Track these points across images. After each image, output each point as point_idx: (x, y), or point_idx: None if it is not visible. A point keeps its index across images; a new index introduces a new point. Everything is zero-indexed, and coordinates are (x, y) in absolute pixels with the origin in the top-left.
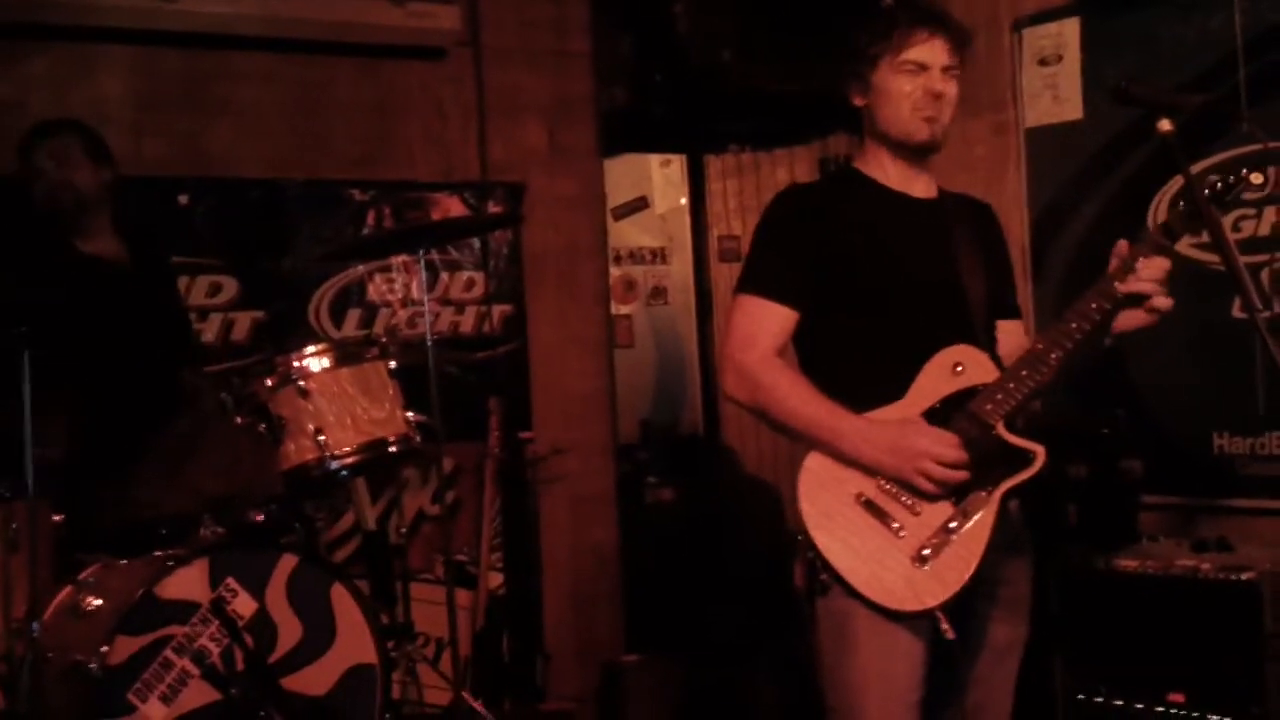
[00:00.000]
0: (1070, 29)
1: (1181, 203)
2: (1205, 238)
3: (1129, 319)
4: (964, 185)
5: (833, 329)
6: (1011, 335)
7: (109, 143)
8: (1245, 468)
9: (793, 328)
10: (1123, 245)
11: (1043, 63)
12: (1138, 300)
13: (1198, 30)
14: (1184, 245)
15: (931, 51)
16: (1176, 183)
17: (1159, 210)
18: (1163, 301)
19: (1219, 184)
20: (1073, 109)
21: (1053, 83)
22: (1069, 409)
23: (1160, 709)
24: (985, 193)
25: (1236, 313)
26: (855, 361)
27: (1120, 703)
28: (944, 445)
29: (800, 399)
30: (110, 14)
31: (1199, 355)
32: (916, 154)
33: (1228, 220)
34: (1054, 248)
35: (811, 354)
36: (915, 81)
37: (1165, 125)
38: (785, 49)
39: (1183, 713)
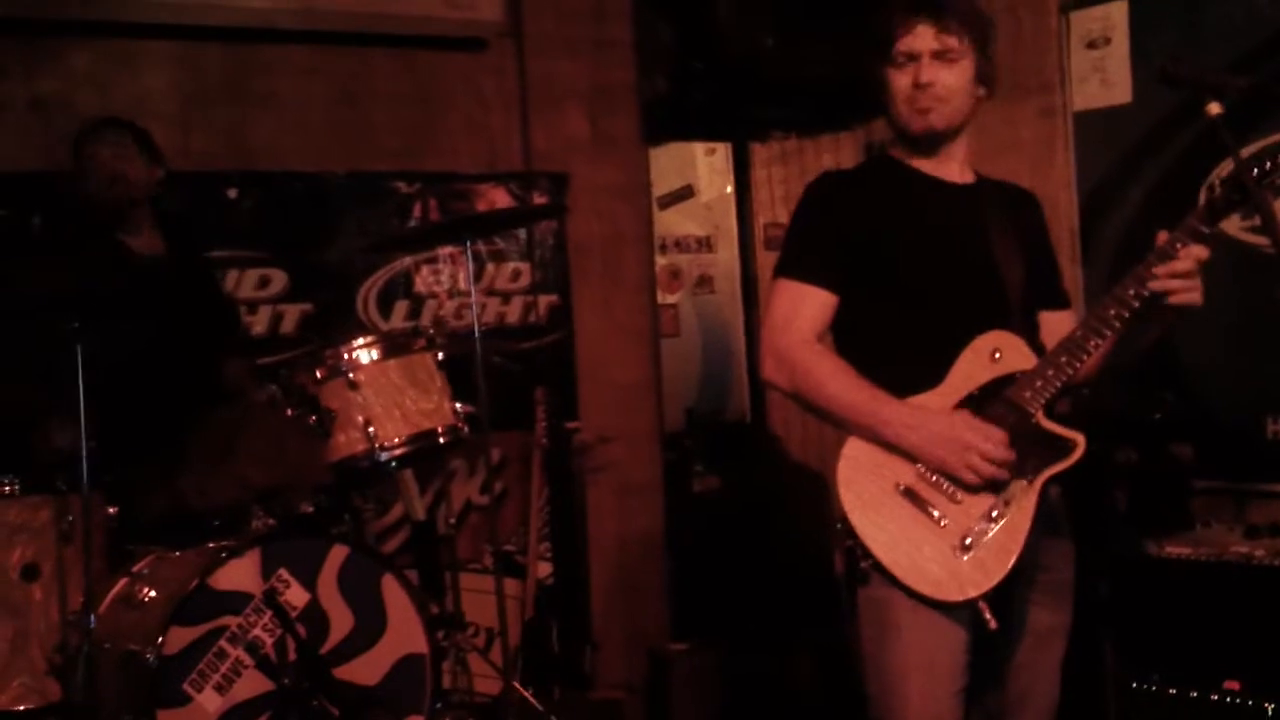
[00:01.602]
0: (1118, 11)
1: (1219, 187)
2: (1257, 220)
3: (1168, 311)
4: (1012, 167)
5: (869, 314)
6: (1061, 326)
7: (157, 137)
8: None
9: (832, 312)
10: (1162, 236)
11: (1091, 46)
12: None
13: (1248, 11)
14: (1234, 228)
15: (917, 39)
16: (1227, 165)
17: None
18: (1185, 297)
19: (1257, 170)
20: (1121, 92)
21: (1101, 66)
22: (1119, 393)
23: (1215, 697)
24: (1033, 175)
25: None
26: (892, 347)
27: (1174, 691)
28: (993, 443)
29: (841, 384)
30: (153, 9)
31: (1250, 338)
32: (926, 145)
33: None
34: (1103, 232)
35: (848, 339)
36: (905, 73)
37: (1214, 108)
38: (826, 34)
39: (1238, 701)
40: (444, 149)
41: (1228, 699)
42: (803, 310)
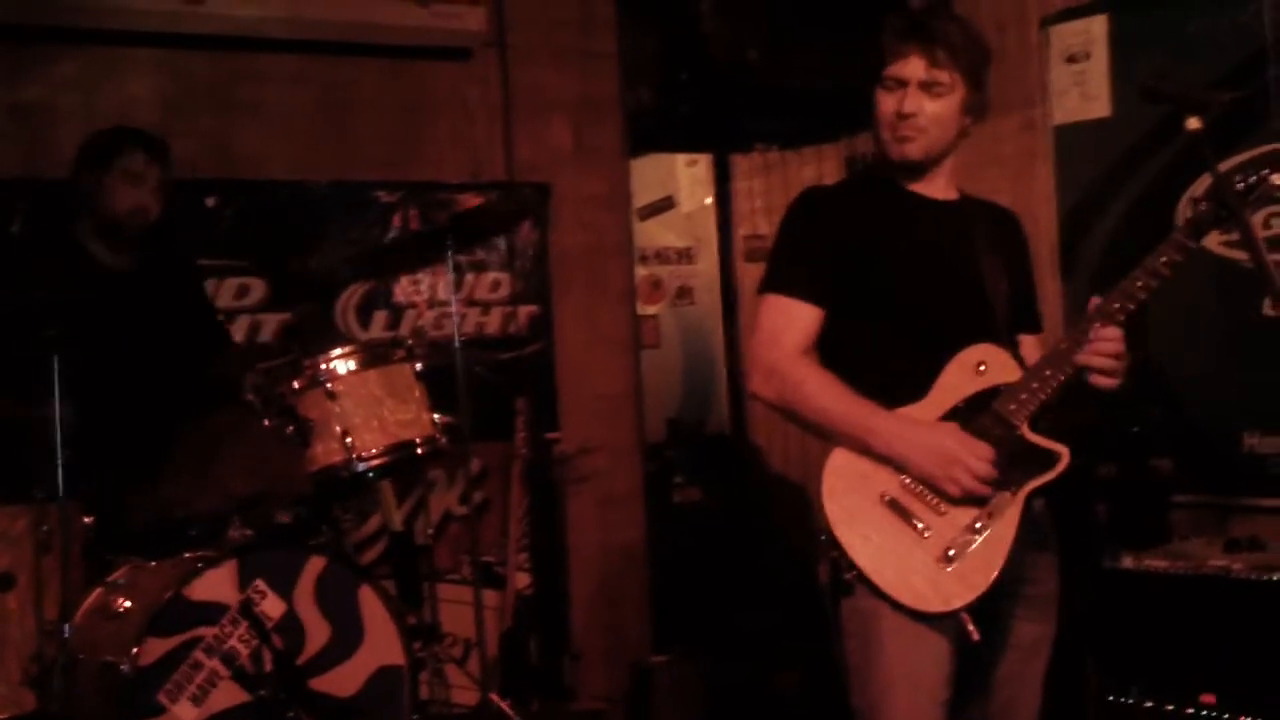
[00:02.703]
0: (1098, 26)
1: (1202, 204)
2: (1236, 235)
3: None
4: (993, 181)
5: (854, 328)
6: (1032, 351)
7: None
8: (1276, 467)
9: (818, 326)
10: (1093, 302)
11: (1071, 60)
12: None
13: (1227, 26)
14: (1214, 243)
15: (907, 67)
16: (1206, 180)
17: (1188, 208)
18: (1104, 380)
19: (1239, 184)
20: (1101, 106)
21: (1081, 80)
22: (1099, 407)
23: (1191, 710)
24: (1014, 189)
25: (1267, 311)
26: (877, 360)
27: (1151, 704)
28: (977, 455)
29: (830, 396)
30: (137, 17)
31: (1229, 354)
32: (910, 170)
33: (1258, 217)
34: (1083, 245)
35: (833, 353)
36: (891, 99)
37: (1194, 123)
38: (811, 47)
39: (1214, 714)
40: (429, 159)
41: (1204, 713)
42: (790, 325)
